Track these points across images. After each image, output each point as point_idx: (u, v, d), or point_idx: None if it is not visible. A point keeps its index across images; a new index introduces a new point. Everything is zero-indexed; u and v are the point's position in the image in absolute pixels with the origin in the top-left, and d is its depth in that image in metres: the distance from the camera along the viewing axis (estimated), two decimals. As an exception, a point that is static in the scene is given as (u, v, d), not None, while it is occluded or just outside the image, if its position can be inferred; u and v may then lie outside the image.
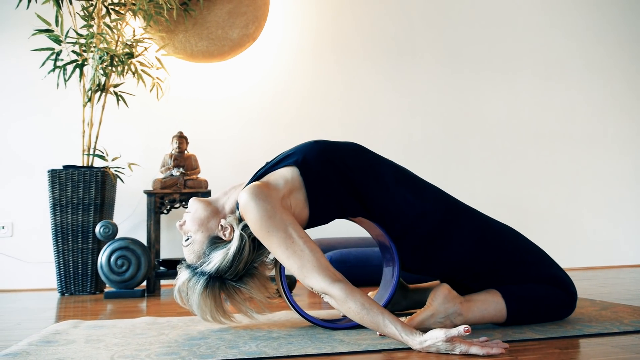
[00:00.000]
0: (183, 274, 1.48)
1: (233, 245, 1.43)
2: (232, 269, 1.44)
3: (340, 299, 1.27)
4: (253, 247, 1.46)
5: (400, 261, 1.53)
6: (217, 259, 1.43)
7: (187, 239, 1.48)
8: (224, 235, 1.46)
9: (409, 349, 1.23)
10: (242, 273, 1.47)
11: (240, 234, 1.43)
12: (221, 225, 1.47)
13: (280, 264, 1.52)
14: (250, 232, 1.42)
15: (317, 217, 1.50)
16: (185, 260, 1.51)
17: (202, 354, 1.21)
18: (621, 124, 4.14)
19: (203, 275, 1.44)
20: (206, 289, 1.44)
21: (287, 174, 1.46)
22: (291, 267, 1.34)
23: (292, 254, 1.33)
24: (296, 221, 1.38)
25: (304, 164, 1.47)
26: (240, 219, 1.45)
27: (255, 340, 1.35)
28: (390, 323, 1.22)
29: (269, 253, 1.48)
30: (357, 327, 1.49)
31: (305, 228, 1.52)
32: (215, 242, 1.46)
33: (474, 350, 1.15)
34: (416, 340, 1.18)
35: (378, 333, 1.37)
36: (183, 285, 1.47)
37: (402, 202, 1.49)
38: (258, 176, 1.52)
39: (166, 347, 1.31)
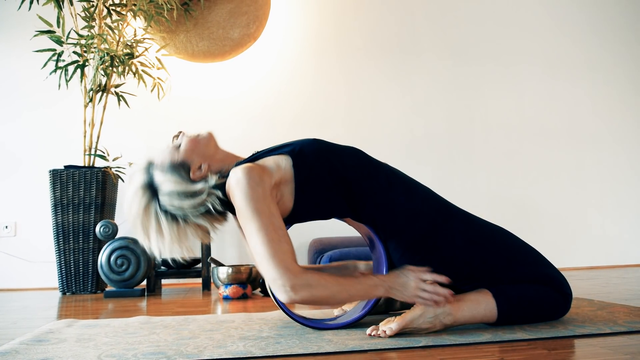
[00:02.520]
0: (141, 162, 1.47)
1: (192, 186, 1.41)
2: (169, 199, 1.40)
3: (309, 290, 1.29)
4: (199, 207, 1.40)
5: (389, 262, 1.52)
6: (169, 178, 1.41)
7: (173, 144, 1.48)
8: (192, 173, 1.44)
9: (399, 349, 1.22)
10: (171, 211, 1.41)
11: (205, 187, 1.41)
12: (200, 166, 1.46)
13: None
14: (213, 200, 1.40)
15: (298, 213, 1.48)
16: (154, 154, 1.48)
17: (188, 354, 1.21)
18: (626, 122, 4.10)
19: (149, 176, 1.43)
20: (140, 189, 1.42)
21: (280, 162, 1.45)
22: (261, 252, 1.30)
23: (269, 242, 1.30)
24: (280, 215, 1.38)
25: (299, 155, 1.46)
26: (217, 185, 1.43)
27: (244, 340, 1.35)
28: (363, 281, 1.35)
29: (207, 231, 1.46)
30: (345, 326, 1.49)
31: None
32: (182, 167, 1.44)
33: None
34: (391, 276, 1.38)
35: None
36: (133, 173, 1.46)
37: (394, 204, 1.48)
38: (253, 159, 1.52)
39: (155, 346, 1.31)
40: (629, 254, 3.92)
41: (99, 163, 3.13)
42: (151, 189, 1.42)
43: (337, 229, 3.28)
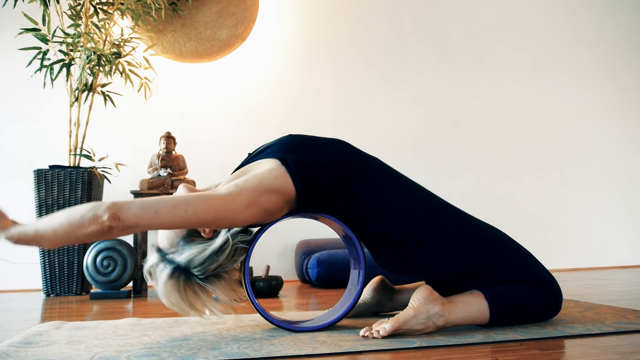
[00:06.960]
0: (152, 257, 1.41)
1: (214, 244, 1.38)
2: (203, 267, 1.36)
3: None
4: (232, 254, 1.40)
5: (379, 259, 1.53)
6: (190, 252, 1.37)
7: None
8: (204, 232, 1.43)
9: (393, 350, 1.23)
10: (211, 274, 1.39)
11: (227, 237, 1.39)
12: None
13: (244, 267, 1.47)
14: (237, 241, 1.39)
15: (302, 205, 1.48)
16: (157, 242, 1.45)
17: (182, 355, 1.20)
18: (611, 126, 4.17)
19: (171, 263, 1.37)
20: (171, 278, 1.36)
21: (275, 173, 1.44)
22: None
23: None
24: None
25: (295, 167, 1.45)
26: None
27: (238, 342, 1.35)
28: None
29: (241, 259, 1.45)
30: (321, 329, 1.48)
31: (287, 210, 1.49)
32: (193, 235, 1.42)
33: None
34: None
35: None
36: (151, 269, 1.40)
37: (386, 199, 1.49)
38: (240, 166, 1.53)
39: (147, 348, 1.30)
40: (614, 257, 3.99)
41: (85, 163, 3.09)
42: (181, 272, 1.36)
43: (324, 231, 3.28)
